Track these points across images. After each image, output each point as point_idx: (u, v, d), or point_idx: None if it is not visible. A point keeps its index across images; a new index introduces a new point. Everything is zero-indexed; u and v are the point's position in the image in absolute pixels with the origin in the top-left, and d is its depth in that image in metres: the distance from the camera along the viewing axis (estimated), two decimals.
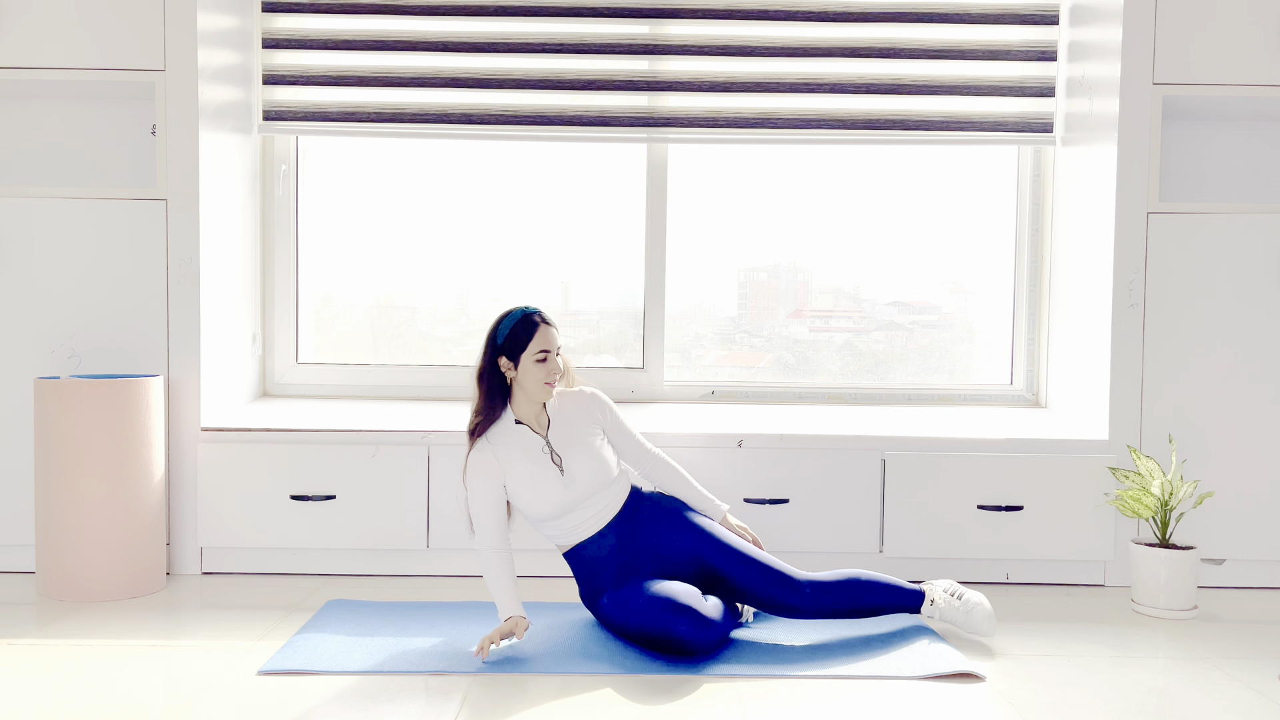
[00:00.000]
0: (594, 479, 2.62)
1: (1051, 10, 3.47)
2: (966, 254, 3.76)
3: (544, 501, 2.59)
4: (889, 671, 2.42)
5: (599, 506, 2.63)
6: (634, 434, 2.76)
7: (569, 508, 2.61)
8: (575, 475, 2.61)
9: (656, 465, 2.77)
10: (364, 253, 3.72)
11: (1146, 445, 3.18)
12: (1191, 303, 3.19)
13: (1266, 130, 3.44)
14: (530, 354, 2.58)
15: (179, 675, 2.37)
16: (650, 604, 2.46)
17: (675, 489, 2.77)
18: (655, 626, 2.44)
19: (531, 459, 2.60)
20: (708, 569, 2.63)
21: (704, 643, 2.44)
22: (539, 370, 2.59)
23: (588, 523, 2.63)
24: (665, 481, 2.77)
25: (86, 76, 3.13)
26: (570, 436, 2.65)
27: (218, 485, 3.15)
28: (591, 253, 3.72)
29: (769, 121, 3.48)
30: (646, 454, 2.76)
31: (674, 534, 2.65)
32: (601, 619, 2.65)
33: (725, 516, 2.77)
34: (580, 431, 2.66)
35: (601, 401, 2.73)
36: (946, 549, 3.17)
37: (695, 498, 2.77)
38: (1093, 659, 2.55)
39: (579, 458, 2.62)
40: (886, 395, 3.66)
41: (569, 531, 2.64)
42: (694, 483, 2.79)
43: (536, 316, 2.62)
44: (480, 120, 3.46)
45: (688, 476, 2.79)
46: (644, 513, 2.68)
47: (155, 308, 3.16)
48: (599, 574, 2.64)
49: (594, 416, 2.70)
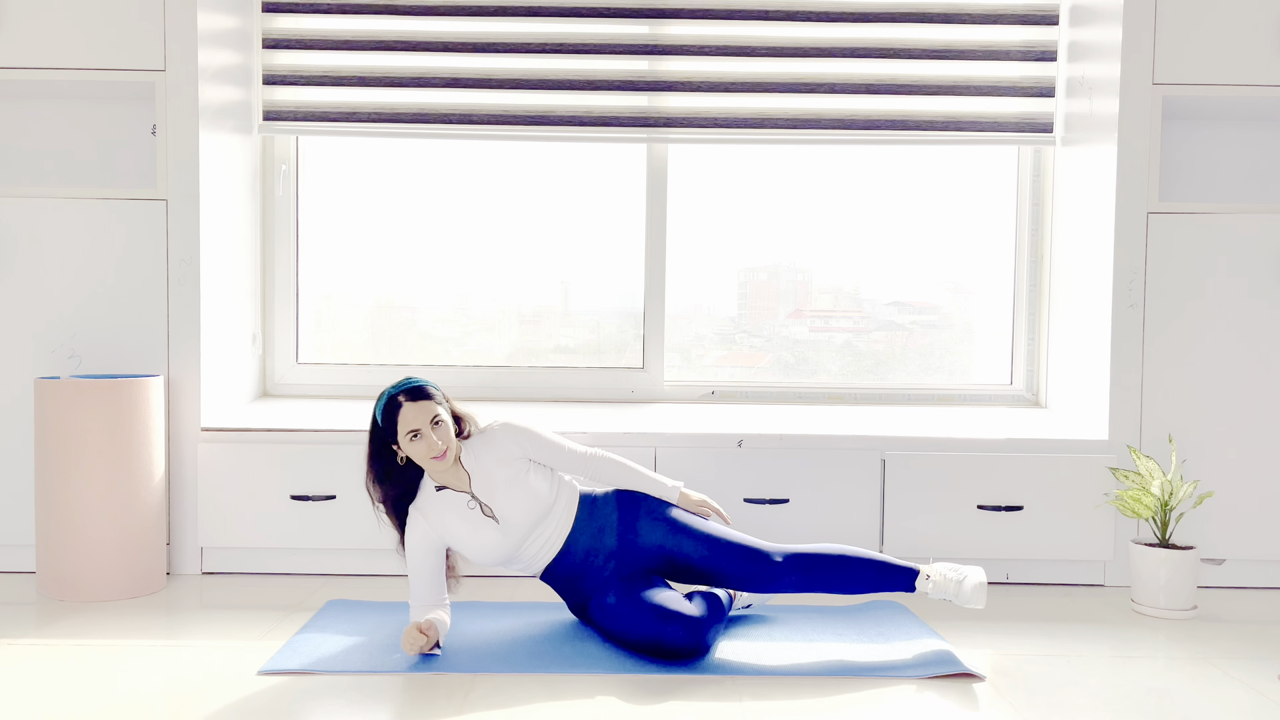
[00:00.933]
0: (530, 515, 2.56)
1: (1051, 10, 3.47)
2: (966, 254, 3.76)
3: (489, 552, 2.56)
4: (889, 671, 2.42)
5: (547, 534, 2.59)
6: (560, 445, 2.64)
7: (515, 548, 2.57)
8: (510, 519, 2.55)
9: (598, 466, 2.67)
10: (364, 253, 3.72)
11: (1146, 445, 3.18)
12: (1191, 303, 3.19)
13: (1266, 130, 3.44)
14: (403, 435, 2.49)
15: (179, 675, 2.37)
16: (637, 614, 2.46)
17: (622, 481, 2.68)
18: (645, 635, 2.44)
19: (464, 518, 2.54)
20: (673, 559, 2.59)
21: (694, 646, 2.43)
22: (417, 448, 2.49)
23: (542, 551, 2.60)
24: (611, 478, 2.68)
25: (87, 76, 3.13)
26: (493, 482, 2.57)
27: (218, 485, 3.15)
28: (591, 253, 3.72)
29: (769, 121, 3.48)
30: (582, 459, 2.66)
31: (632, 532, 2.61)
32: (593, 627, 2.65)
33: (681, 493, 2.69)
34: (501, 474, 2.57)
35: (512, 431, 2.62)
36: (946, 549, 3.17)
37: (644, 483, 2.68)
38: (1093, 659, 2.55)
39: (508, 501, 2.55)
40: (886, 395, 3.66)
41: (529, 564, 2.62)
42: (639, 469, 2.69)
43: (401, 395, 2.51)
44: (480, 120, 3.46)
45: (631, 465, 2.69)
46: (599, 518, 2.63)
47: (155, 308, 3.16)
48: (576, 586, 2.63)
49: (510, 452, 2.60)
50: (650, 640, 2.44)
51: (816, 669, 2.44)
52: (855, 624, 2.75)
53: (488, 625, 2.71)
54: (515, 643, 2.58)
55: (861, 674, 2.41)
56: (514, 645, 2.56)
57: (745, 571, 2.55)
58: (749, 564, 2.55)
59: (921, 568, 2.61)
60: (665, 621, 2.43)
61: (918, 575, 2.60)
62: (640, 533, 2.61)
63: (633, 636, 2.48)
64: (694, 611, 2.47)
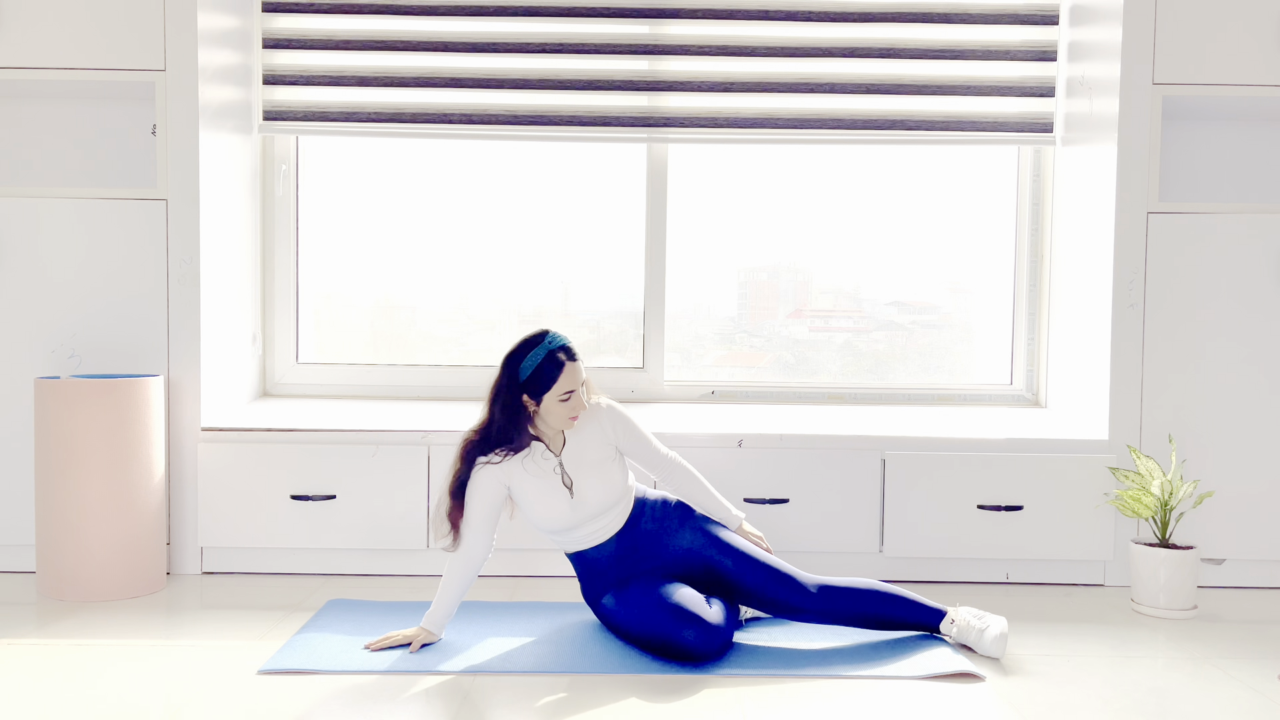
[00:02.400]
0: (603, 501, 2.60)
1: (1051, 10, 3.47)
2: (966, 254, 3.76)
3: (550, 518, 2.59)
4: (888, 671, 2.42)
5: (606, 521, 2.62)
6: (649, 440, 2.69)
7: (575, 525, 2.60)
8: (585, 497, 2.58)
9: (673, 471, 2.70)
10: (364, 253, 3.72)
11: (1146, 445, 3.18)
12: (1191, 302, 3.19)
13: (1266, 130, 3.44)
14: (555, 394, 2.52)
15: (179, 675, 2.37)
16: (656, 610, 2.45)
17: (691, 496, 2.72)
18: (661, 633, 2.44)
19: (542, 477, 2.58)
20: (710, 569, 2.61)
21: (709, 650, 2.43)
22: (563, 409, 2.53)
23: (593, 535, 2.62)
24: (682, 488, 2.72)
25: (86, 76, 3.13)
26: (583, 458, 2.60)
27: (218, 485, 3.15)
28: (591, 253, 3.72)
29: (769, 121, 3.48)
30: (662, 460, 2.70)
31: (678, 535, 2.64)
32: (603, 619, 2.65)
33: (741, 525, 2.73)
34: (593, 453, 2.61)
35: (615, 415, 2.66)
36: (946, 549, 3.17)
37: (711, 505, 2.71)
38: (1093, 659, 2.55)
39: (590, 480, 2.59)
40: (886, 395, 3.66)
41: (574, 541, 2.64)
42: (711, 490, 2.73)
43: (562, 353, 2.52)
44: (480, 120, 3.46)
45: (705, 483, 2.72)
46: (648, 517, 2.66)
47: (155, 307, 3.16)
48: (602, 576, 2.64)
49: (606, 434, 2.64)
50: (664, 638, 2.43)
51: (817, 669, 2.44)
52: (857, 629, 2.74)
53: (488, 625, 2.71)
54: (515, 643, 2.58)
55: (862, 674, 2.41)
56: (514, 645, 2.56)
57: (775, 593, 2.57)
58: (780, 587, 2.57)
59: (949, 610, 2.61)
60: (683, 622, 2.42)
61: (944, 617, 2.60)
62: (683, 537, 2.63)
63: (647, 633, 2.47)
64: (712, 615, 2.47)
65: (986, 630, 2.53)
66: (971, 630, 2.55)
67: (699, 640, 2.42)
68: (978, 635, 2.54)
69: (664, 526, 2.65)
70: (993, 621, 2.55)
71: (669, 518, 2.67)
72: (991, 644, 2.52)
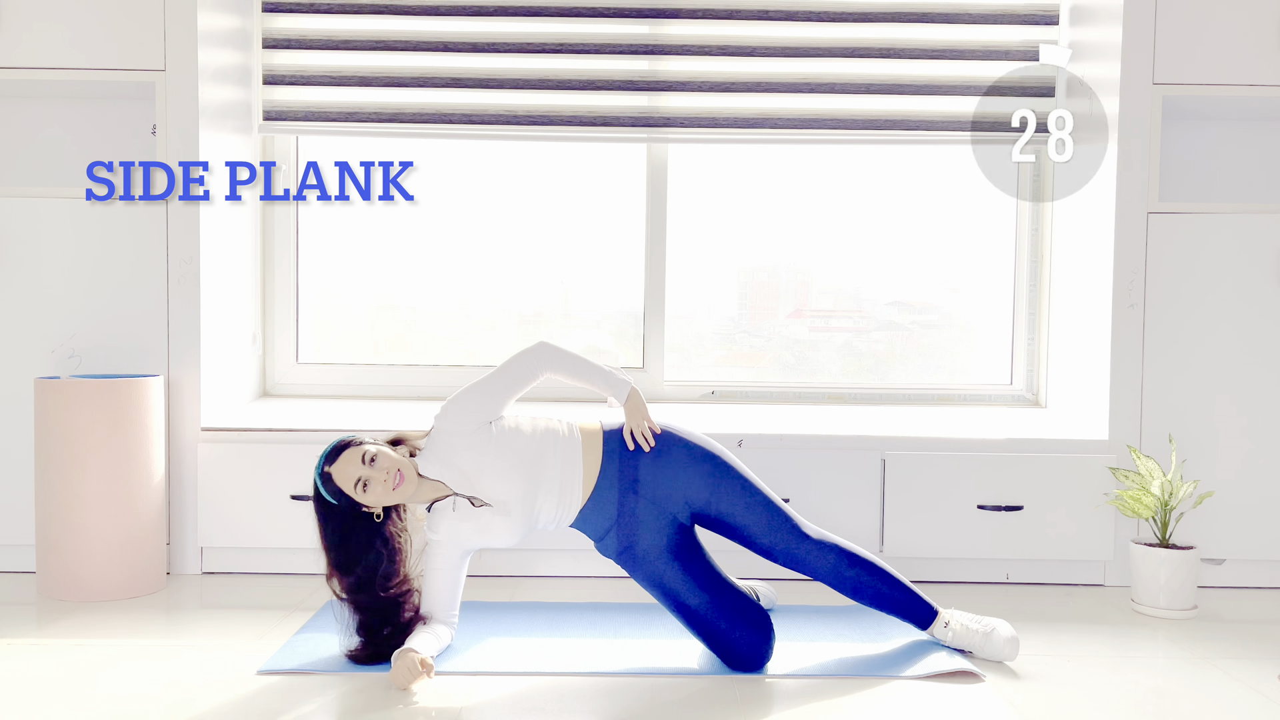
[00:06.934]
0: (517, 480, 2.43)
1: (1051, 10, 3.47)
2: (966, 254, 3.76)
3: (506, 536, 2.47)
4: (888, 671, 2.42)
5: (549, 488, 2.46)
6: (484, 384, 2.50)
7: (527, 517, 2.46)
8: (500, 497, 2.43)
9: (534, 367, 2.50)
10: (364, 253, 3.72)
11: (1146, 445, 3.18)
12: (1191, 302, 3.19)
13: (1266, 130, 3.44)
14: (354, 493, 2.36)
15: (179, 675, 2.37)
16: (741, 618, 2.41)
17: (568, 378, 2.51)
18: (739, 642, 2.40)
19: (465, 519, 2.45)
20: (703, 513, 2.49)
21: (763, 665, 2.44)
22: (376, 491, 2.35)
23: (560, 506, 2.47)
24: (558, 375, 2.51)
25: (86, 76, 3.13)
26: (464, 473, 2.45)
27: (218, 485, 3.15)
28: (591, 253, 3.72)
29: (769, 122, 3.48)
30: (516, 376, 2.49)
31: (667, 480, 2.47)
32: (634, 570, 2.48)
33: (632, 389, 2.51)
34: (465, 460, 2.45)
35: (441, 416, 2.50)
36: (946, 549, 3.17)
37: (594, 377, 2.51)
38: (1093, 659, 2.55)
39: (488, 480, 2.44)
40: (886, 395, 3.66)
41: (554, 521, 2.51)
42: (587, 362, 2.51)
43: (324, 468, 2.36)
44: (480, 120, 3.46)
45: (575, 358, 2.51)
46: (628, 463, 2.48)
47: (155, 307, 3.16)
48: (609, 532, 2.49)
49: (455, 435, 2.46)
50: (741, 649, 2.40)
51: (817, 669, 2.44)
52: (855, 624, 2.75)
53: (488, 625, 2.71)
54: (515, 643, 2.58)
55: (861, 674, 2.41)
56: (514, 645, 2.56)
57: (775, 541, 2.48)
58: (784, 534, 2.48)
59: (941, 612, 2.55)
60: (768, 639, 2.42)
61: (936, 616, 2.54)
62: (673, 480, 2.48)
63: (719, 634, 2.40)
64: (772, 627, 2.46)
65: (994, 632, 2.48)
66: (973, 635, 2.50)
67: (768, 656, 2.43)
68: (982, 639, 2.49)
69: (647, 466, 2.48)
70: (997, 624, 2.51)
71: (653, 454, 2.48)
72: (1003, 646, 2.47)
